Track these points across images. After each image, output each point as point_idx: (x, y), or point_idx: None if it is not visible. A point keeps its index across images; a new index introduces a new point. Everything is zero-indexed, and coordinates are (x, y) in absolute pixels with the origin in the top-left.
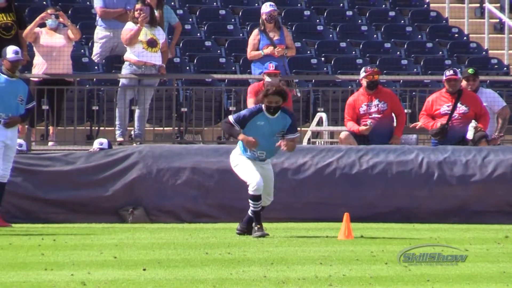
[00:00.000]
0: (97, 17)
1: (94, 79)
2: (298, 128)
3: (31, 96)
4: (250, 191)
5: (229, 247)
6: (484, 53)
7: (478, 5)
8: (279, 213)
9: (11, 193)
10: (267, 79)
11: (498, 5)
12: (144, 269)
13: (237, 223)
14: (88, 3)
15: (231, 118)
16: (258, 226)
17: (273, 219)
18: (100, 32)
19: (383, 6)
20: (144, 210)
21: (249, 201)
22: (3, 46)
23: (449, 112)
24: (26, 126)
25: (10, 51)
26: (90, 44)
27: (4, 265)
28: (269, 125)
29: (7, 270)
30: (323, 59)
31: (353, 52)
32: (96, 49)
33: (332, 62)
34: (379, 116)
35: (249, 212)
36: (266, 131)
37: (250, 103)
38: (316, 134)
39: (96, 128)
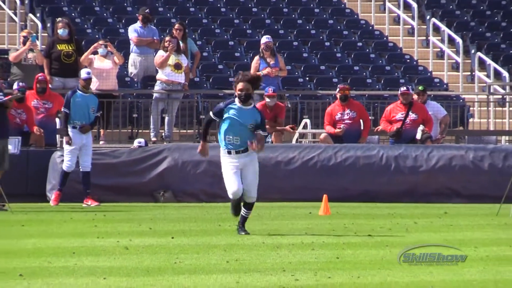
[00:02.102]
0: (132, 45)
1: (134, 94)
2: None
3: (100, 106)
4: (229, 196)
5: (235, 220)
6: (429, 74)
7: (424, 37)
8: (274, 195)
9: (74, 180)
10: (267, 99)
11: (440, 37)
12: (172, 237)
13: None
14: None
15: (211, 112)
16: (241, 225)
17: (270, 199)
18: (135, 57)
19: (353, 38)
20: (172, 193)
21: (230, 209)
22: (66, 70)
23: (403, 118)
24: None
25: (84, 72)
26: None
27: (66, 234)
28: (241, 113)
29: (68, 238)
30: (307, 78)
31: (330, 73)
32: (133, 69)
33: (314, 80)
34: (350, 122)
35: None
36: (240, 119)
37: None
38: (302, 135)
39: (136, 130)
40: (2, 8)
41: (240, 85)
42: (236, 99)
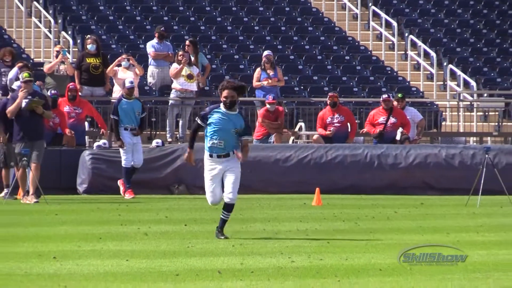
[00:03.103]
0: (150, 59)
1: (152, 100)
2: (289, 130)
3: (143, 109)
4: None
5: (240, 210)
6: (407, 83)
7: (403, 52)
8: (273, 188)
9: (100, 175)
10: (268, 106)
11: (416, 52)
12: (185, 225)
13: (245, 194)
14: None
15: (198, 118)
16: (219, 229)
17: (269, 192)
18: (152, 69)
19: (341, 52)
20: (186, 186)
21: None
22: (93, 80)
23: (384, 122)
24: (108, 131)
25: (127, 81)
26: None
27: (94, 221)
28: (226, 118)
29: (95, 225)
30: (302, 87)
31: (322, 83)
32: (151, 80)
33: (308, 89)
34: (338, 125)
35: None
36: (224, 123)
37: (259, 121)
38: (298, 136)
39: (154, 132)
40: (38, 26)
41: (225, 92)
42: (222, 104)
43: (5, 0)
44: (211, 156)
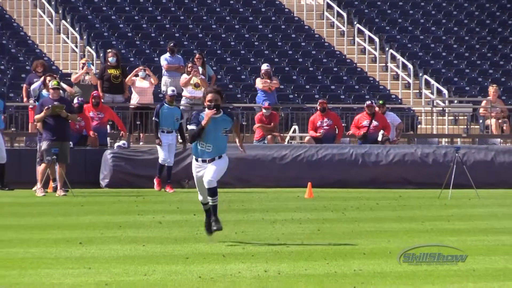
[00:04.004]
0: (163, 70)
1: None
2: (282, 134)
3: (182, 115)
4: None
5: (242, 202)
6: (387, 91)
7: (384, 64)
8: (270, 183)
9: (120, 171)
10: (264, 111)
11: (396, 64)
12: (194, 215)
13: (246, 188)
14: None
15: (191, 126)
16: (214, 218)
17: (267, 186)
18: (165, 79)
19: (330, 65)
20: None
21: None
22: (114, 88)
23: (368, 125)
24: (127, 133)
25: (170, 90)
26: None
27: (114, 212)
28: (213, 121)
29: (116, 215)
30: (296, 95)
31: (313, 91)
32: (164, 88)
33: (301, 96)
34: (327, 127)
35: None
36: (212, 127)
37: (256, 126)
38: (292, 138)
39: None
40: (66, 42)
41: (209, 96)
42: (207, 109)
43: (37, 19)
44: (197, 160)
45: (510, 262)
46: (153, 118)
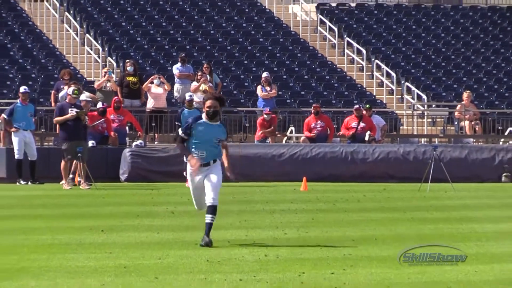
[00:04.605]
0: (175, 78)
1: (178, 110)
2: (281, 133)
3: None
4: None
5: (245, 194)
6: (373, 97)
7: (370, 73)
8: (270, 178)
9: (137, 168)
10: (265, 116)
11: (381, 73)
12: None
13: (249, 182)
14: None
15: (180, 131)
16: (206, 234)
17: (267, 181)
18: (177, 86)
19: (323, 73)
20: None
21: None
22: (132, 94)
23: (356, 126)
24: (144, 134)
25: (187, 96)
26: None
27: (132, 203)
28: (208, 129)
29: (134, 206)
30: (292, 100)
31: (308, 97)
32: (176, 94)
33: (297, 101)
34: (320, 129)
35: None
36: (206, 134)
37: (259, 133)
38: (289, 138)
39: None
40: (89, 53)
41: (208, 102)
42: (204, 115)
43: (64, 33)
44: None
45: (482, 248)
46: (176, 122)
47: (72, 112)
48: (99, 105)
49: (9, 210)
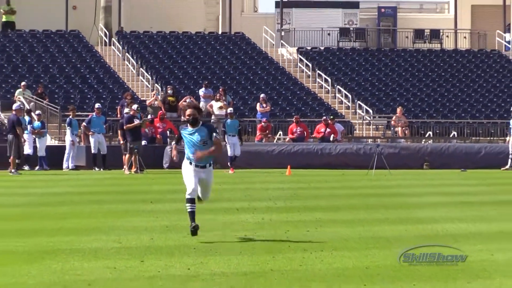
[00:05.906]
0: (201, 98)
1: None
2: (272, 136)
3: (239, 124)
4: (186, 195)
5: (248, 177)
6: (336, 111)
7: (334, 94)
8: (266, 166)
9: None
10: (263, 124)
11: (341, 94)
12: (220, 186)
13: (250, 169)
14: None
15: (174, 140)
16: (193, 224)
17: (263, 167)
18: (202, 103)
19: (301, 95)
20: (221, 165)
21: (185, 203)
22: (171, 109)
23: (324, 131)
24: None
25: (229, 110)
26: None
27: (172, 183)
28: (193, 134)
29: (173, 185)
30: (281, 113)
31: (291, 111)
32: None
33: (284, 114)
34: (299, 133)
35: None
36: (192, 139)
37: (258, 134)
38: (278, 139)
39: None
40: (143, 81)
41: (188, 111)
42: (188, 124)
43: (125, 67)
44: (190, 163)
45: (409, 214)
46: (222, 129)
47: (137, 121)
48: (149, 116)
49: (88, 188)
